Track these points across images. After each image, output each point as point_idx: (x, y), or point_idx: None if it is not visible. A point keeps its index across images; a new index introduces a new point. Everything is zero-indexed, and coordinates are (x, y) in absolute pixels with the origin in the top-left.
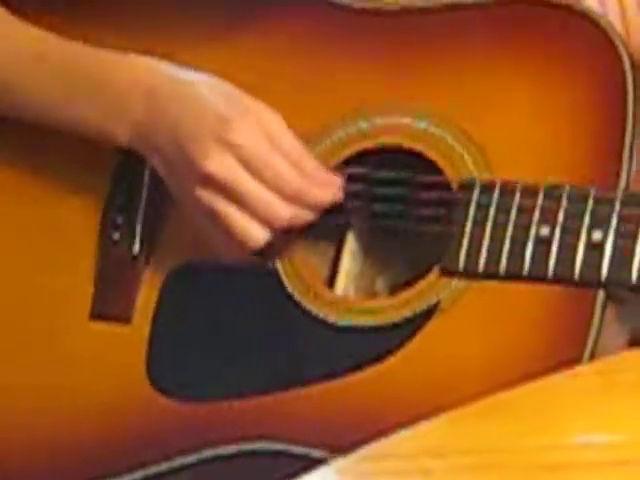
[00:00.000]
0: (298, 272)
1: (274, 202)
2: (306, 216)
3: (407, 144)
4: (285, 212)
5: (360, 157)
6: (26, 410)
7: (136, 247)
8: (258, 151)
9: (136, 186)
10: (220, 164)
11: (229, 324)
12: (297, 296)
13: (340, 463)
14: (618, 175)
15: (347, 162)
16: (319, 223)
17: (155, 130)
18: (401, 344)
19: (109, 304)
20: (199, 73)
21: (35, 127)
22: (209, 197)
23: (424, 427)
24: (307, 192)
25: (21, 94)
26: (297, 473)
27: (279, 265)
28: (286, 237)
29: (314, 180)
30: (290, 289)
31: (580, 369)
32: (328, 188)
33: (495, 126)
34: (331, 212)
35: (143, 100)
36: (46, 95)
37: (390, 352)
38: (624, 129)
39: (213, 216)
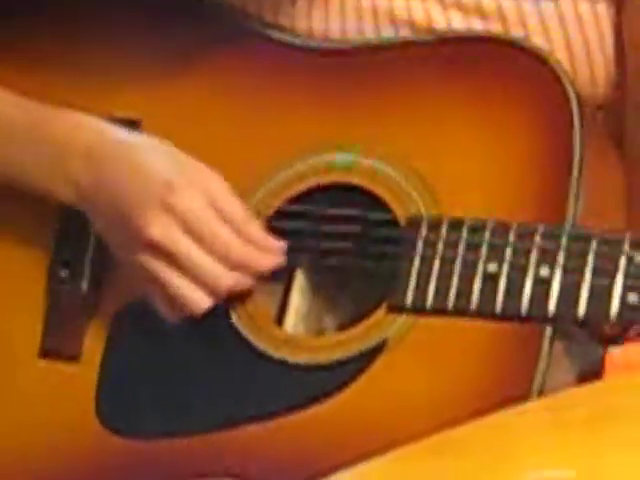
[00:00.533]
0: (247, 310)
1: (217, 270)
2: (249, 282)
3: (356, 181)
4: (228, 280)
5: (310, 194)
6: None
7: (84, 285)
8: (202, 218)
9: (85, 224)
10: (163, 231)
11: (177, 362)
12: (246, 334)
13: None
14: (564, 215)
15: (297, 198)
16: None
17: (95, 192)
18: (349, 382)
19: (57, 342)
20: (141, 135)
21: None
22: (152, 263)
23: (365, 467)
24: (250, 260)
25: None
26: None
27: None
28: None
29: (257, 246)
30: (239, 326)
31: (529, 405)
32: (271, 254)
33: (445, 165)
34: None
35: (83, 160)
36: None
37: (338, 390)
38: (571, 168)
39: (155, 282)
